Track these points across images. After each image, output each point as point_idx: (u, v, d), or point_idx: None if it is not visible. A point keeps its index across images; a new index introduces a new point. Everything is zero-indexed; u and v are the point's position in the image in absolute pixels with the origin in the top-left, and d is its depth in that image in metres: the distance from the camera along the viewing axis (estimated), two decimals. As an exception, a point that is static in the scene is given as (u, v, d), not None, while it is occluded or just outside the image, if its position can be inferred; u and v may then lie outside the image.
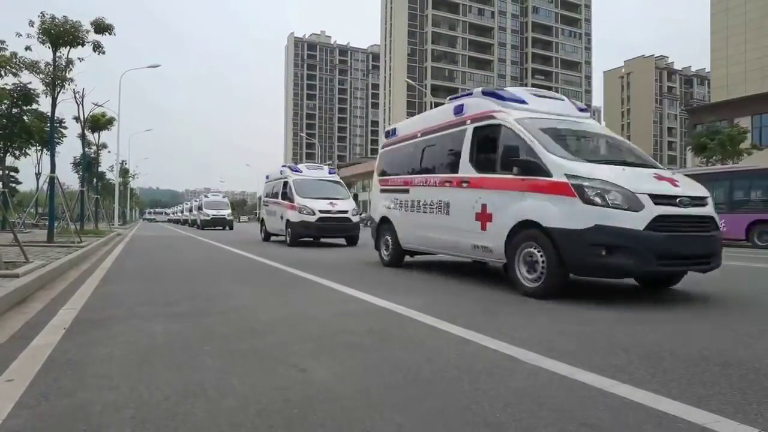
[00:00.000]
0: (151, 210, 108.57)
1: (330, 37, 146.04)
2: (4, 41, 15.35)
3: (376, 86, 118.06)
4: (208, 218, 29.17)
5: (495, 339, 3.15)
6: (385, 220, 8.21)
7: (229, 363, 2.66)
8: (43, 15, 11.41)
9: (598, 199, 4.55)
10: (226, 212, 30.23)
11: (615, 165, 5.11)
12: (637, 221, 4.44)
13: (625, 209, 4.48)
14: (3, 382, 2.34)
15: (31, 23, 11.30)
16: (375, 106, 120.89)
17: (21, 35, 11.33)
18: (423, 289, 5.51)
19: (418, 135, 7.62)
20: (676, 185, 4.84)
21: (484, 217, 5.71)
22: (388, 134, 8.85)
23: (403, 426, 1.87)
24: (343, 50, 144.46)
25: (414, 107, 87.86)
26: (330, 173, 15.80)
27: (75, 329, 3.43)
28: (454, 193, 6.34)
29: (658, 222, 4.46)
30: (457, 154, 6.36)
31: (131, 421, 1.90)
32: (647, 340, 3.22)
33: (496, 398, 2.15)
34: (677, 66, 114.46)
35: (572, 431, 1.83)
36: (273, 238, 16.01)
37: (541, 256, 4.87)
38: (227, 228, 29.40)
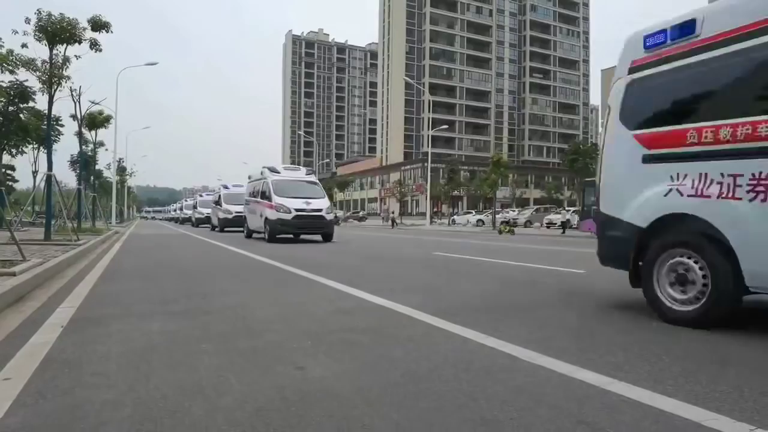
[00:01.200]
0: (150, 209, 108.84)
1: (328, 35, 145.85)
2: (0, 38, 15.32)
3: (374, 84, 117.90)
4: (288, 218, 14.07)
5: (493, 337, 3.16)
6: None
7: (226, 361, 2.66)
8: (40, 12, 11.36)
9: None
10: (324, 205, 14.89)
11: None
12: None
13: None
14: (0, 380, 2.33)
15: (28, 20, 11.26)
16: (373, 104, 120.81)
17: (17, 32, 11.29)
18: (420, 287, 5.51)
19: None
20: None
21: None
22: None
23: (400, 424, 1.87)
24: (341, 48, 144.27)
25: (412, 105, 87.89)
26: None
27: (72, 328, 3.42)
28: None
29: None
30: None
31: (129, 419, 1.90)
32: (643, 338, 3.23)
33: (493, 396, 2.15)
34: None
35: (570, 429, 1.83)
36: None
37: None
38: (322, 237, 14.99)
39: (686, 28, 3.80)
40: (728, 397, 2.15)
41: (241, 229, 18.67)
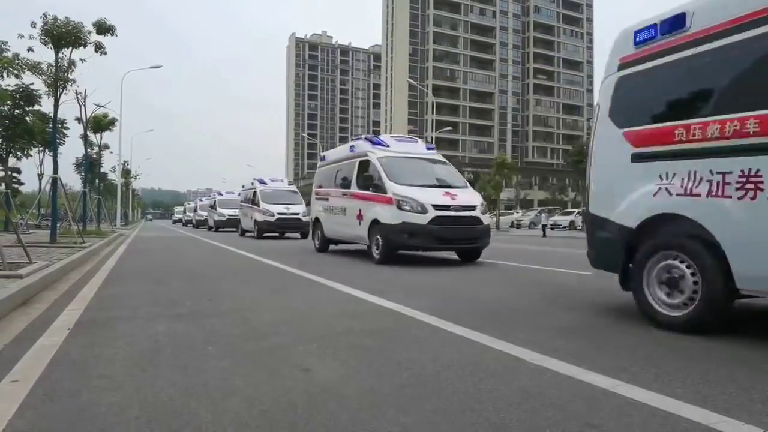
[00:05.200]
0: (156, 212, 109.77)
1: (331, 37, 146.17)
2: (6, 42, 15.42)
3: (377, 86, 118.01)
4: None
5: (499, 339, 3.15)
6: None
7: (233, 363, 2.66)
8: (45, 16, 11.43)
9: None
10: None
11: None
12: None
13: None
14: (8, 382, 2.34)
15: (34, 24, 11.33)
16: (377, 106, 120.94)
17: (23, 36, 11.36)
18: (423, 290, 5.51)
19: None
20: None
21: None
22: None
23: (407, 426, 1.87)
24: (345, 50, 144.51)
25: (415, 107, 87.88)
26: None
27: (79, 330, 3.43)
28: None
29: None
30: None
31: (136, 421, 1.90)
32: (650, 339, 3.22)
33: (500, 398, 2.15)
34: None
35: (576, 431, 1.82)
36: None
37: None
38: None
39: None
40: (737, 399, 2.14)
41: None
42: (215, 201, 27.11)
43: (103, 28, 12.33)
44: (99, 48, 12.15)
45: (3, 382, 2.35)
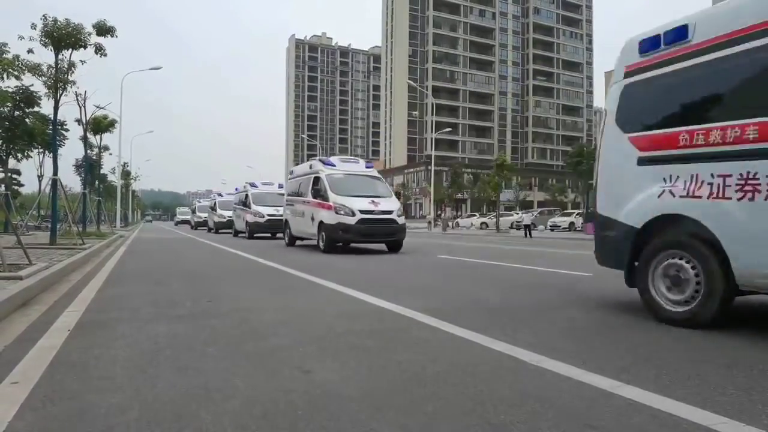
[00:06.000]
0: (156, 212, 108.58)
1: (331, 38, 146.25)
2: (6, 43, 15.43)
3: (377, 88, 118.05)
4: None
5: (499, 340, 3.15)
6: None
7: (233, 365, 2.66)
8: (46, 18, 11.44)
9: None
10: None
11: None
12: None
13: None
14: (8, 384, 2.34)
15: (34, 26, 11.33)
16: (376, 107, 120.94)
17: (23, 38, 11.36)
18: (424, 290, 5.51)
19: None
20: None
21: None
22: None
23: (408, 427, 1.87)
24: (345, 52, 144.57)
25: (415, 109, 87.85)
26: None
27: (79, 331, 3.43)
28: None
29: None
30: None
31: (136, 423, 1.90)
32: (650, 340, 3.22)
33: (500, 399, 2.15)
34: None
35: (577, 432, 1.82)
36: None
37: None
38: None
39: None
40: (737, 400, 2.14)
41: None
42: (247, 195, 19.79)
43: (103, 30, 12.33)
44: (99, 50, 12.15)
45: (3, 383, 2.35)
